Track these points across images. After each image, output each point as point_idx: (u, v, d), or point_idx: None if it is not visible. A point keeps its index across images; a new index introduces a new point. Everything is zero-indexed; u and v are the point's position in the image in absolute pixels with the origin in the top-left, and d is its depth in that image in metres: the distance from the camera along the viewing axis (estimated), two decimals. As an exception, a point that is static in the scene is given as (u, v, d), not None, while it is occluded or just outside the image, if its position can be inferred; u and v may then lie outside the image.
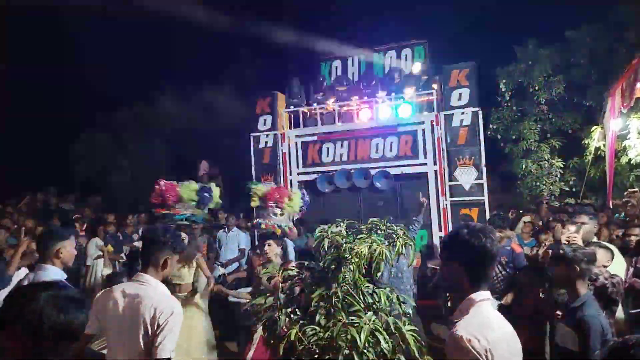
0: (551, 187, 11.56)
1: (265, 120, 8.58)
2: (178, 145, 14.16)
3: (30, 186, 12.60)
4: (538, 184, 11.63)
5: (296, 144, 8.32)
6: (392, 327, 2.78)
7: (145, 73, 14.71)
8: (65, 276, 2.97)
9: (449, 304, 4.96)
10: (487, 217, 7.15)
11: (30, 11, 14.74)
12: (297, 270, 3.30)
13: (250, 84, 13.04)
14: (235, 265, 7.37)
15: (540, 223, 7.61)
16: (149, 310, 2.30)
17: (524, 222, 7.54)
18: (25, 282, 2.86)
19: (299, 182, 8.14)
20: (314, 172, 8.09)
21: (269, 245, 4.83)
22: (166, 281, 2.58)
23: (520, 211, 9.29)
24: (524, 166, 11.82)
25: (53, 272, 2.88)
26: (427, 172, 7.52)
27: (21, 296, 1.37)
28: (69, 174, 14.32)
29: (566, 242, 3.34)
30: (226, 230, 7.59)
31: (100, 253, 7.64)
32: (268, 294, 3.39)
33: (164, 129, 14.30)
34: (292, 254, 5.86)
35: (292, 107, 8.52)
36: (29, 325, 1.29)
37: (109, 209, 11.02)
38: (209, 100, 14.42)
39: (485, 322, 1.76)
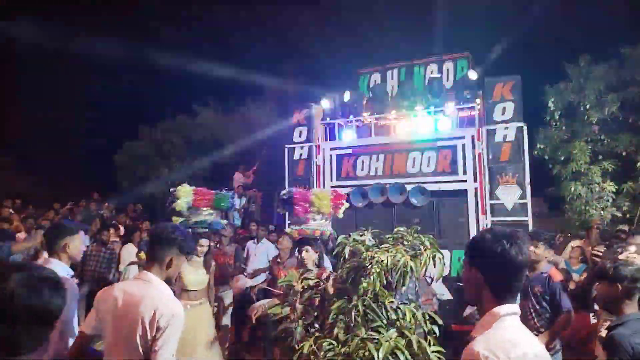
0: (602, 212, 10.78)
1: (300, 132, 8.50)
2: (217, 157, 14.37)
3: (77, 193, 13.12)
4: (588, 208, 10.88)
5: (331, 157, 8.17)
6: (415, 346, 2.53)
7: (187, 87, 15.18)
8: (72, 272, 2.91)
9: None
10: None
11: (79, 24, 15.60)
12: (317, 280, 3.11)
13: (289, 96, 13.11)
14: (263, 276, 7.25)
15: (590, 249, 7.07)
16: (148, 311, 2.16)
17: (572, 247, 7.03)
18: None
19: (332, 195, 7.95)
20: (347, 186, 7.87)
21: (307, 251, 4.64)
22: (170, 284, 2.46)
23: (569, 235, 8.71)
24: (572, 189, 11.12)
25: (59, 267, 2.81)
26: (466, 190, 7.16)
27: None
28: (113, 182, 14.80)
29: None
30: (255, 241, 7.51)
31: (134, 259, 7.73)
32: (285, 304, 3.22)
33: (203, 140, 14.56)
34: (328, 262, 5.66)
35: (328, 119, 8.41)
36: None
37: (148, 217, 11.22)
38: (248, 113, 14.64)
39: (508, 338, 1.50)
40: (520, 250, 1.57)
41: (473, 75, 7.64)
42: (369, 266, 2.57)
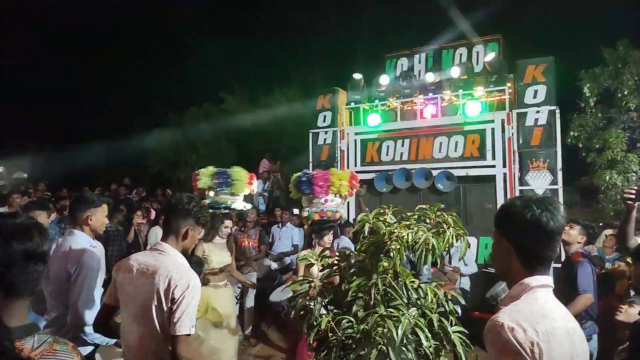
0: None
1: (325, 116, 8.41)
2: (243, 143, 14.47)
3: (109, 178, 13.46)
4: (624, 198, 10.45)
5: (355, 142, 8.06)
6: (435, 325, 2.46)
7: (214, 75, 15.31)
8: (95, 244, 2.92)
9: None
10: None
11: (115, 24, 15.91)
12: (337, 258, 3.08)
13: (314, 80, 13.02)
14: (288, 260, 7.28)
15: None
16: (163, 281, 2.13)
17: (606, 236, 6.77)
18: (54, 247, 2.83)
19: (356, 180, 7.87)
20: (372, 171, 7.78)
21: (331, 233, 4.67)
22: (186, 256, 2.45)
23: (601, 224, 8.39)
24: (607, 178, 10.68)
25: (82, 238, 2.83)
26: (495, 175, 6.95)
27: None
28: (142, 167, 15.11)
29: None
30: (280, 225, 7.53)
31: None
32: (304, 281, 3.20)
33: (230, 127, 14.66)
34: (348, 242, 5.63)
35: (352, 103, 8.29)
36: None
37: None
38: (273, 99, 14.64)
39: (538, 310, 1.40)
40: (553, 217, 1.45)
41: (492, 57, 7.33)
42: (389, 242, 2.50)
